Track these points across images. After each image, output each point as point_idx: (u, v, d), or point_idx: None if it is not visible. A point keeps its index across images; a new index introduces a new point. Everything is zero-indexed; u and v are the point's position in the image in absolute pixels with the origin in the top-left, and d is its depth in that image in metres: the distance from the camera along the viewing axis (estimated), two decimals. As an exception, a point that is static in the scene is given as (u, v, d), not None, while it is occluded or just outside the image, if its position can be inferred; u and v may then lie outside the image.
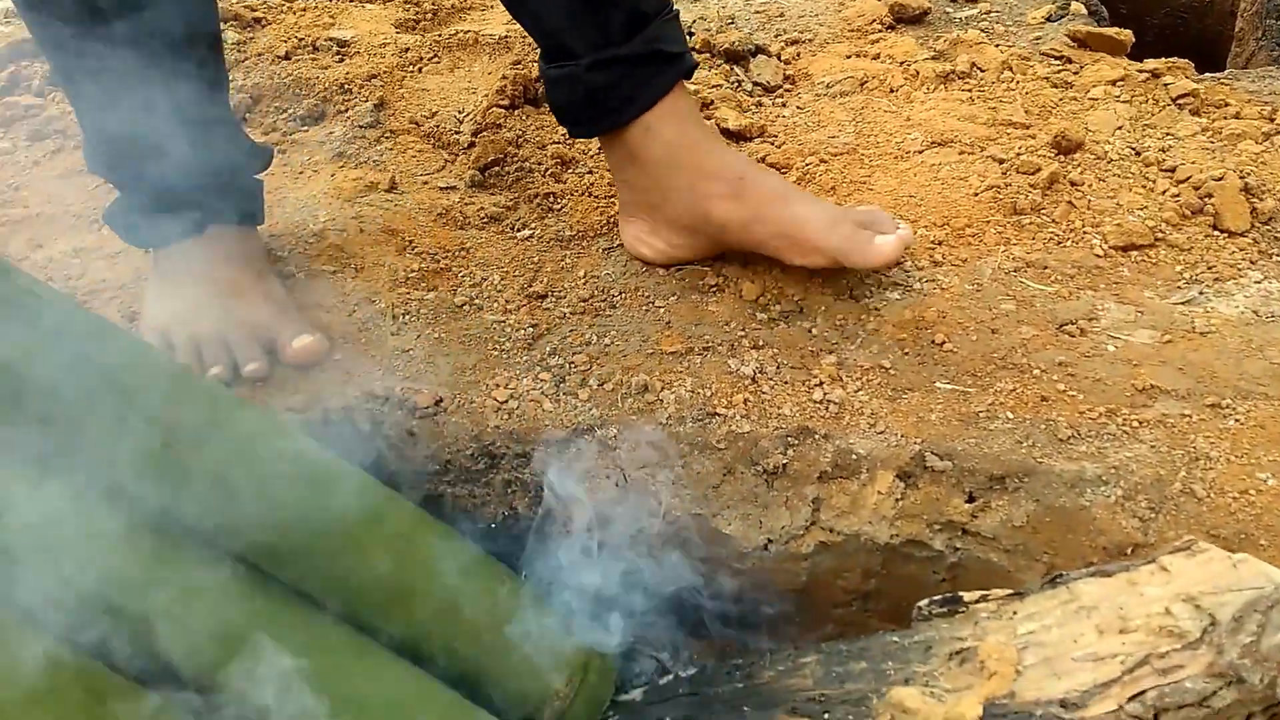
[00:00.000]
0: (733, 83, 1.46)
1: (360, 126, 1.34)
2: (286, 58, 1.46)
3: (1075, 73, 1.42)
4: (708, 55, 1.50)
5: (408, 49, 1.50)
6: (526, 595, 0.95)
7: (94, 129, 1.05)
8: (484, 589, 0.93)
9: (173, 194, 1.05)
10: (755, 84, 1.46)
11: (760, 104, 1.41)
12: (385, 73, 1.44)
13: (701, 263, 1.14)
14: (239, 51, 1.48)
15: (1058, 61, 1.46)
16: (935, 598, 0.89)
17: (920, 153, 1.27)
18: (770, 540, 0.98)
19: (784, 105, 1.40)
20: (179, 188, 1.05)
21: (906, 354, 1.02)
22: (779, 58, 1.51)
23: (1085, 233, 1.15)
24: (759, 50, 1.51)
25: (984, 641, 0.80)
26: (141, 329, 1.05)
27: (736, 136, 1.33)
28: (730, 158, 1.10)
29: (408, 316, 1.09)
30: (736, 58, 1.49)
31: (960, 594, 0.87)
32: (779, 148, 1.30)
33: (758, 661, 0.96)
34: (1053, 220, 1.17)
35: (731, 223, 1.09)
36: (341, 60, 1.46)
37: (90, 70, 0.99)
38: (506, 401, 1.00)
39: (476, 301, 1.11)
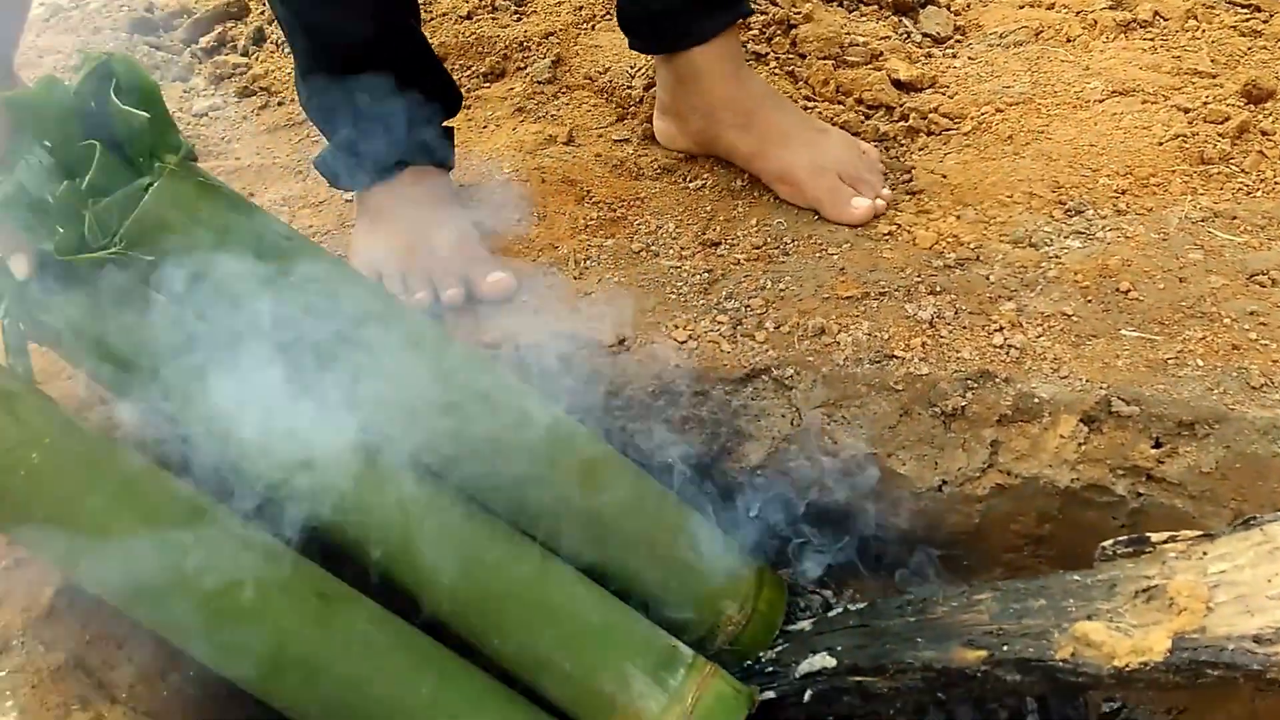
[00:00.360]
0: (901, 34, 1.45)
1: (538, 83, 1.39)
2: (468, 17, 1.51)
3: (1265, 21, 1.38)
4: (875, 7, 1.50)
5: (581, 7, 1.53)
6: (702, 526, 0.99)
7: (309, 82, 1.13)
8: (664, 520, 0.97)
9: (374, 138, 1.11)
10: (925, 35, 1.45)
11: (930, 55, 1.40)
12: (561, 30, 1.48)
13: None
14: (424, 11, 1.54)
15: (1245, 10, 1.41)
16: (1120, 539, 0.89)
17: (1101, 102, 1.25)
18: (945, 481, 1.00)
19: (954, 56, 1.40)
20: (381, 132, 1.11)
21: (1089, 301, 1.01)
22: (949, 8, 1.49)
23: (1277, 183, 1.12)
24: (928, 1, 1.50)
25: (1172, 580, 0.80)
26: (352, 265, 1.12)
27: (906, 87, 1.33)
28: (753, 91, 1.21)
29: (588, 262, 1.13)
30: (905, 9, 1.49)
31: (1147, 535, 0.86)
32: (951, 98, 1.30)
33: (930, 598, 0.97)
34: (1242, 170, 1.14)
35: (737, 152, 1.22)
36: (519, 19, 1.51)
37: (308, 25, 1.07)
38: (686, 342, 1.03)
39: (653, 248, 1.14)
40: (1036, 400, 0.95)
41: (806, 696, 0.97)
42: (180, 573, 0.80)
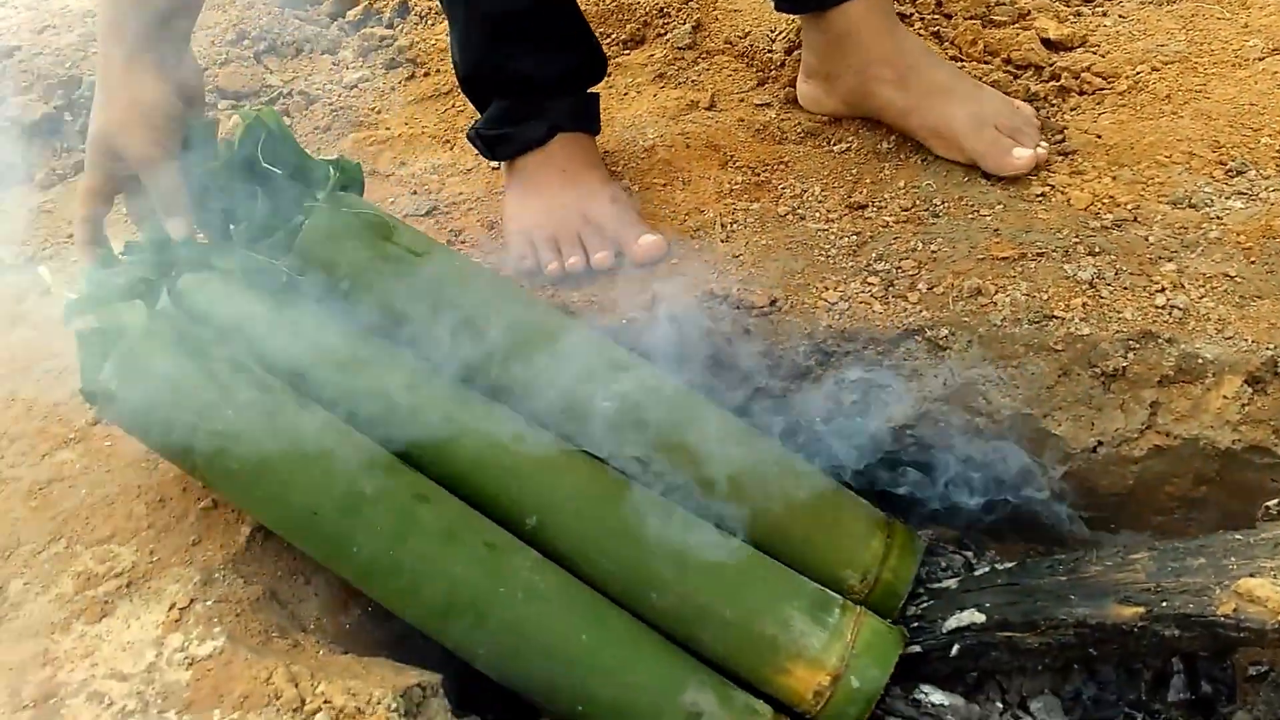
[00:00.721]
0: (1048, -7, 1.43)
1: (679, 48, 1.41)
2: (609, -15, 1.54)
3: None
4: (1022, -33, 1.48)
5: (719, -28, 1.55)
6: (825, 493, 1.01)
7: (462, 52, 1.16)
8: (798, 478, 1.00)
9: (524, 108, 1.15)
10: (1071, -6, 1.43)
11: (1079, 14, 1.38)
12: (700, -5, 1.49)
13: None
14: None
15: None
16: None
17: (1260, 60, 1.21)
18: (1100, 442, 0.99)
19: (1105, 15, 1.37)
20: (530, 102, 1.15)
21: (1253, 262, 0.99)
22: (1096, -33, 1.46)
23: None
24: (1074, -40, 1.47)
25: None
26: (506, 231, 1.16)
27: (1056, 46, 1.31)
28: (907, 47, 1.21)
29: (735, 225, 1.15)
30: (1050, -31, 1.46)
31: None
32: (1104, 57, 1.27)
33: (1082, 556, 0.97)
34: None
35: (891, 108, 1.21)
36: (659, -15, 1.53)
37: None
38: (837, 303, 1.04)
39: (799, 211, 1.15)
40: (1200, 361, 0.94)
41: (953, 651, 0.98)
42: (359, 520, 0.87)
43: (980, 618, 0.97)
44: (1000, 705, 1.02)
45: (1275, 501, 0.87)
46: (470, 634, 0.87)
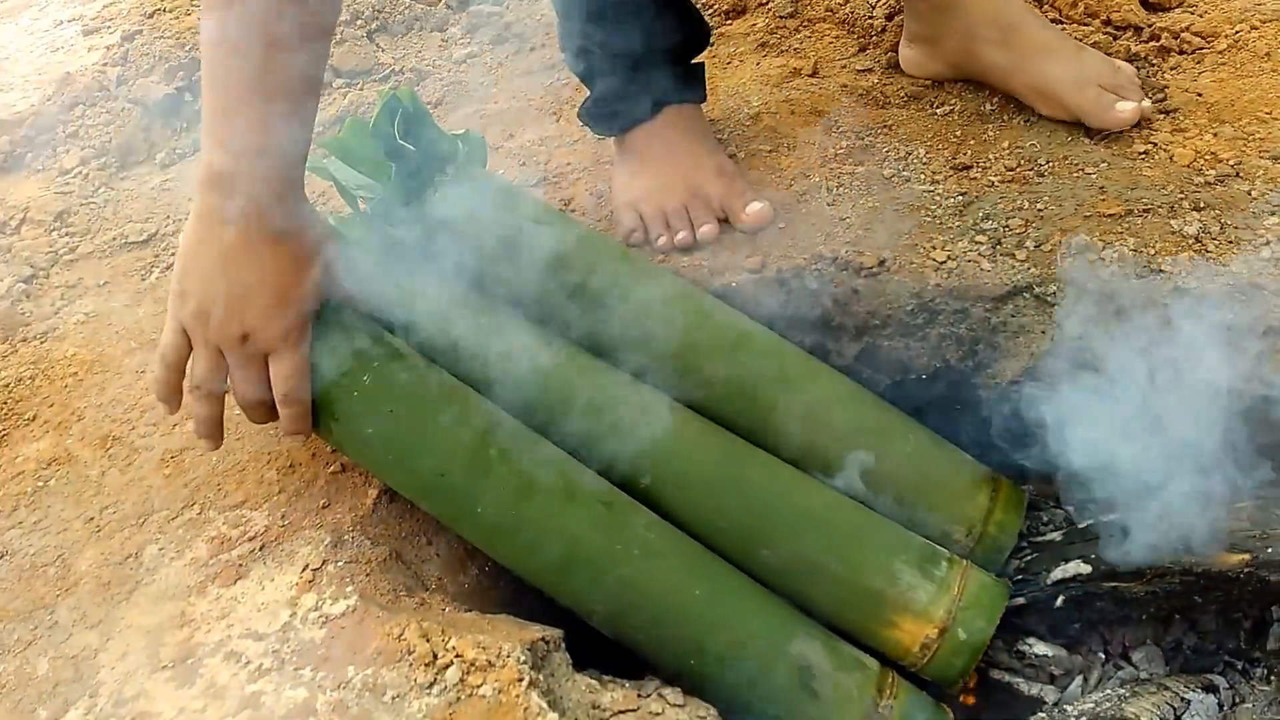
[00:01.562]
0: (1144, -46, 1.43)
1: (780, 17, 1.44)
2: (707, -44, 1.57)
3: None
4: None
5: (816, -59, 1.57)
6: (928, 448, 1.05)
7: (568, 28, 1.20)
8: (905, 434, 1.04)
9: (632, 83, 1.18)
10: (1168, -46, 1.42)
11: (1177, -27, 1.38)
12: (798, -35, 1.51)
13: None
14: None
15: None
16: None
17: (1364, 14, 1.21)
18: (1208, 395, 1.01)
19: (1203, -26, 1.37)
20: (637, 76, 1.18)
21: (1359, 214, 1.00)
22: (1193, -75, 1.46)
23: None
24: (1170, -81, 1.47)
25: None
26: (614, 205, 1.20)
27: (1154, 7, 1.32)
28: (1010, 9, 1.22)
29: (841, 189, 1.18)
30: (1147, -72, 1.46)
31: None
32: (1202, 16, 1.28)
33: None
34: None
35: (994, 68, 1.24)
36: (757, -45, 1.56)
37: None
38: (945, 262, 1.07)
39: (904, 173, 1.18)
40: (1309, 312, 0.96)
41: (1058, 602, 1.01)
42: (485, 480, 0.91)
43: (1086, 568, 1.00)
44: (1103, 656, 1.05)
45: None
46: (588, 590, 0.91)
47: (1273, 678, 0.99)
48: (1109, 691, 1.00)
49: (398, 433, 0.92)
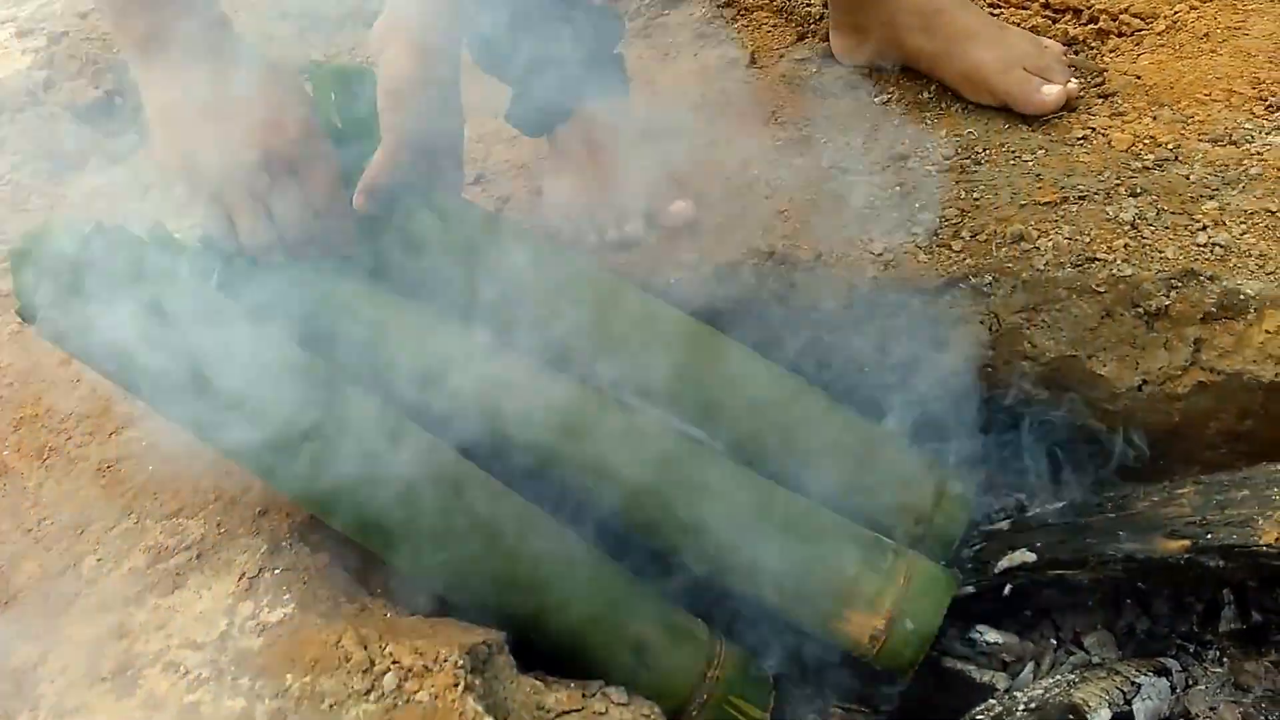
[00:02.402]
0: (1084, -65, 1.43)
1: (718, 6, 1.43)
2: (645, -55, 1.55)
3: None
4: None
5: (754, -71, 1.56)
6: (883, 431, 1.05)
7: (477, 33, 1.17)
8: (850, 427, 1.03)
9: (547, 81, 1.16)
10: (1108, -65, 1.42)
11: (1117, -45, 1.38)
12: (736, -48, 1.50)
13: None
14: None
15: None
16: None
17: (1300, -7, 1.21)
18: (1145, 381, 1.01)
19: (1142, -46, 1.37)
20: (551, 74, 1.15)
21: (1294, 196, 1.00)
22: (1132, -94, 1.46)
23: None
24: (1110, -100, 1.47)
25: None
26: (543, 206, 1.20)
27: (1095, -13, 1.32)
28: None
29: (779, 181, 1.17)
30: (1087, -91, 1.46)
31: None
32: (1142, -3, 1.28)
33: (1130, 494, 1.00)
34: None
35: (920, 56, 1.24)
36: (695, -56, 1.54)
37: None
38: (882, 254, 1.07)
39: (842, 164, 1.18)
40: (1242, 297, 0.96)
41: (1006, 590, 1.01)
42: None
43: (1031, 557, 1.00)
44: (1054, 641, 1.06)
45: None
46: (429, 567, 0.92)
47: (1225, 660, 1.00)
48: (1059, 677, 1.00)
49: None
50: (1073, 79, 1.17)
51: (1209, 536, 0.90)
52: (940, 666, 1.03)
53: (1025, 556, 1.00)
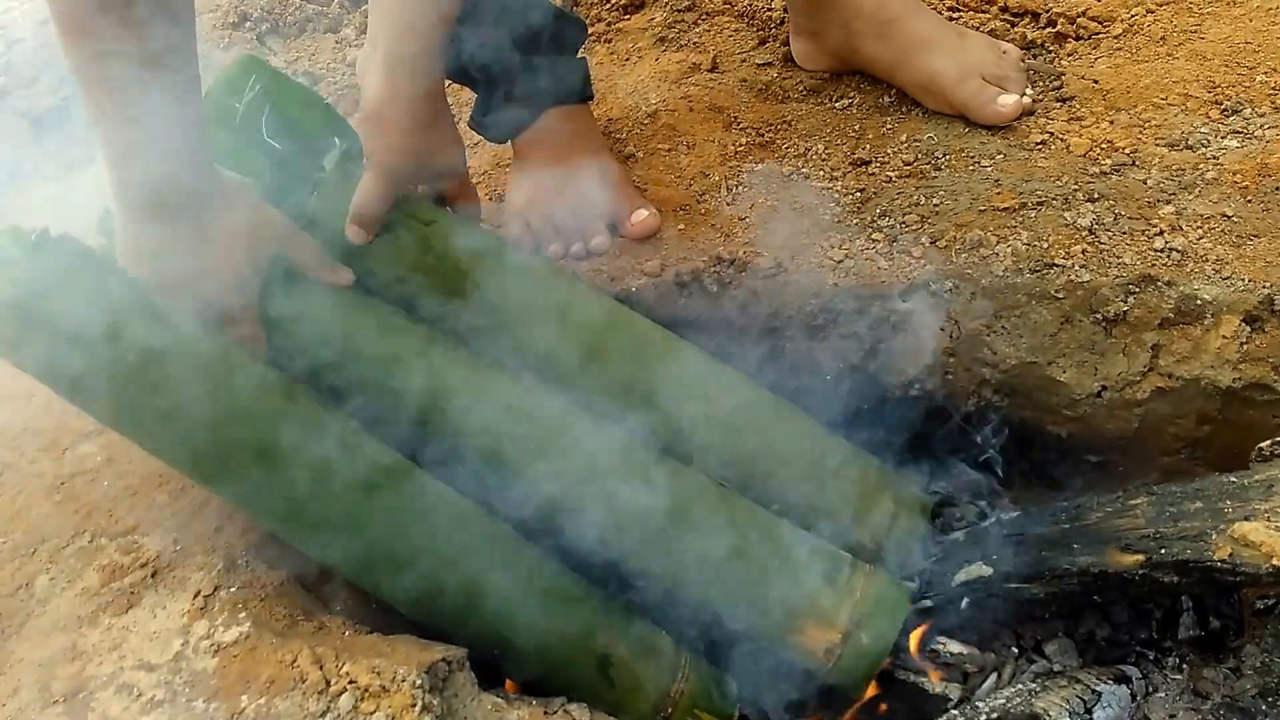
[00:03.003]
0: (1043, -62, 1.43)
1: (679, 11, 1.42)
2: (605, -51, 1.54)
3: None
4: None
5: (715, -67, 1.55)
6: (842, 444, 1.04)
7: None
8: (809, 440, 1.03)
9: (508, 86, 1.15)
10: (1067, -62, 1.42)
11: (1075, -42, 1.38)
12: (697, -43, 1.50)
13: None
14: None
15: None
16: (1277, 439, 0.90)
17: (1255, -4, 1.22)
18: (1105, 387, 1.01)
19: (1101, -43, 1.37)
20: (512, 79, 1.15)
21: (1249, 201, 1.01)
22: (1091, -91, 1.46)
23: None
24: (1069, -97, 1.47)
25: None
26: (505, 214, 1.18)
27: (1054, -9, 1.32)
28: (890, 1, 1.20)
29: (740, 187, 1.17)
30: (1046, -88, 1.46)
31: None
32: (1099, 0, 1.28)
33: (1084, 504, 1.00)
34: None
35: (878, 63, 1.23)
36: (656, -52, 1.54)
37: None
38: (843, 261, 1.06)
39: (803, 170, 1.17)
40: (1199, 302, 0.96)
41: (963, 604, 1.01)
42: (278, 472, 0.86)
43: (987, 571, 1.00)
44: (1015, 650, 1.06)
45: (1269, 442, 0.89)
46: (390, 585, 0.90)
47: (1185, 667, 1.00)
48: (1020, 686, 1.00)
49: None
50: (1029, 89, 1.17)
51: (1162, 552, 0.90)
52: (894, 678, 1.04)
53: (981, 570, 1.00)
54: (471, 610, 0.91)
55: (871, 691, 1.00)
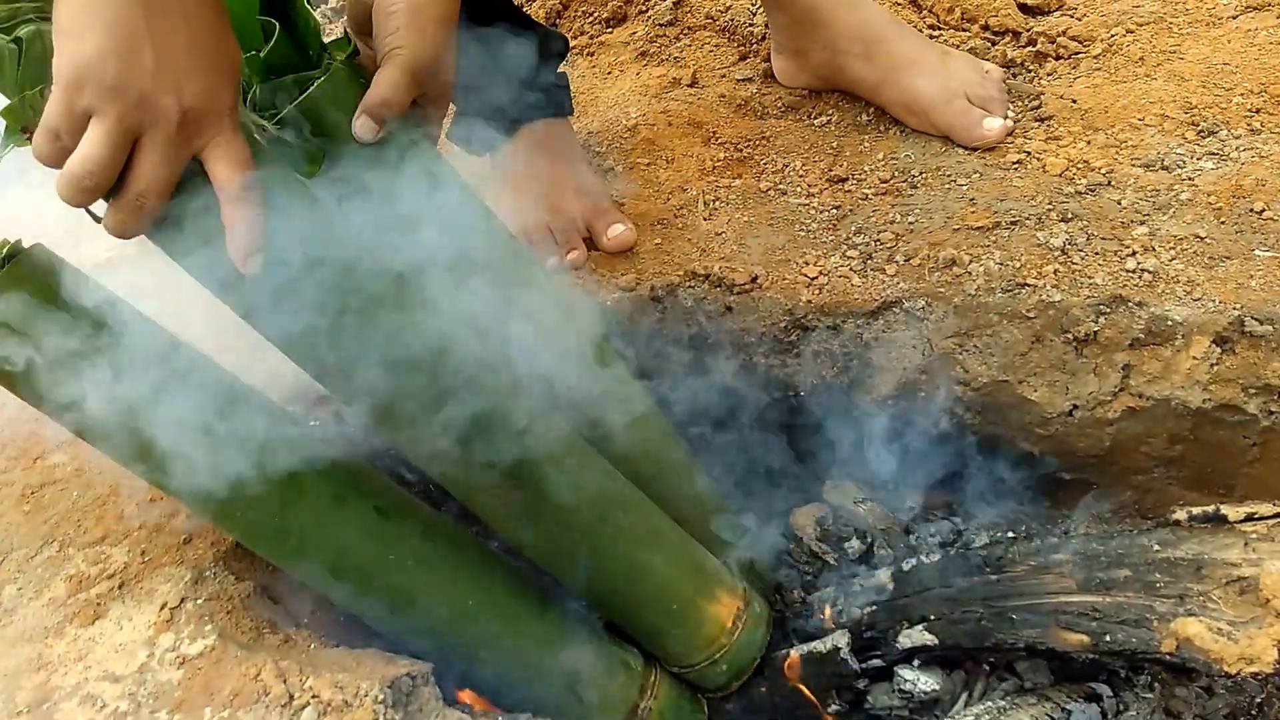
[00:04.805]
0: (1026, -43, 1.43)
1: (660, 25, 1.42)
2: (588, -37, 1.55)
3: None
4: (999, -70, 1.48)
5: (699, -52, 1.55)
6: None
7: None
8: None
9: (489, 101, 1.15)
10: (1050, -43, 1.43)
11: (1057, -23, 1.38)
12: (680, -29, 1.50)
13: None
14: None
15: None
16: (1194, 511, 0.93)
17: (1234, 18, 1.22)
18: (1076, 406, 1.01)
19: (1082, -23, 1.37)
20: (491, 95, 1.14)
21: (1223, 223, 1.01)
22: (1074, -72, 1.47)
23: None
24: (1053, -78, 1.48)
25: (1261, 569, 0.82)
26: None
27: (1033, 11, 1.32)
28: (872, 20, 1.21)
29: (717, 202, 1.17)
30: (1029, -69, 1.46)
31: (1222, 510, 0.90)
32: (1080, 20, 1.28)
33: (1005, 554, 1.01)
34: (1385, 82, 1.11)
35: (861, 83, 1.23)
36: (638, -37, 1.54)
37: None
38: (817, 278, 1.06)
39: (780, 186, 1.17)
40: (1170, 323, 0.96)
41: (915, 662, 1.02)
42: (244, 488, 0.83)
43: (931, 639, 1.00)
44: (986, 668, 1.05)
45: (1184, 513, 0.91)
46: (358, 598, 0.89)
47: (1156, 685, 1.00)
48: (989, 704, 1.00)
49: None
50: (1010, 109, 1.17)
51: (1106, 638, 0.91)
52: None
53: (925, 637, 1.00)
54: (436, 627, 0.91)
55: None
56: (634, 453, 1.00)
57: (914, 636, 1.00)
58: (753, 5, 1.40)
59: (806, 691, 1.02)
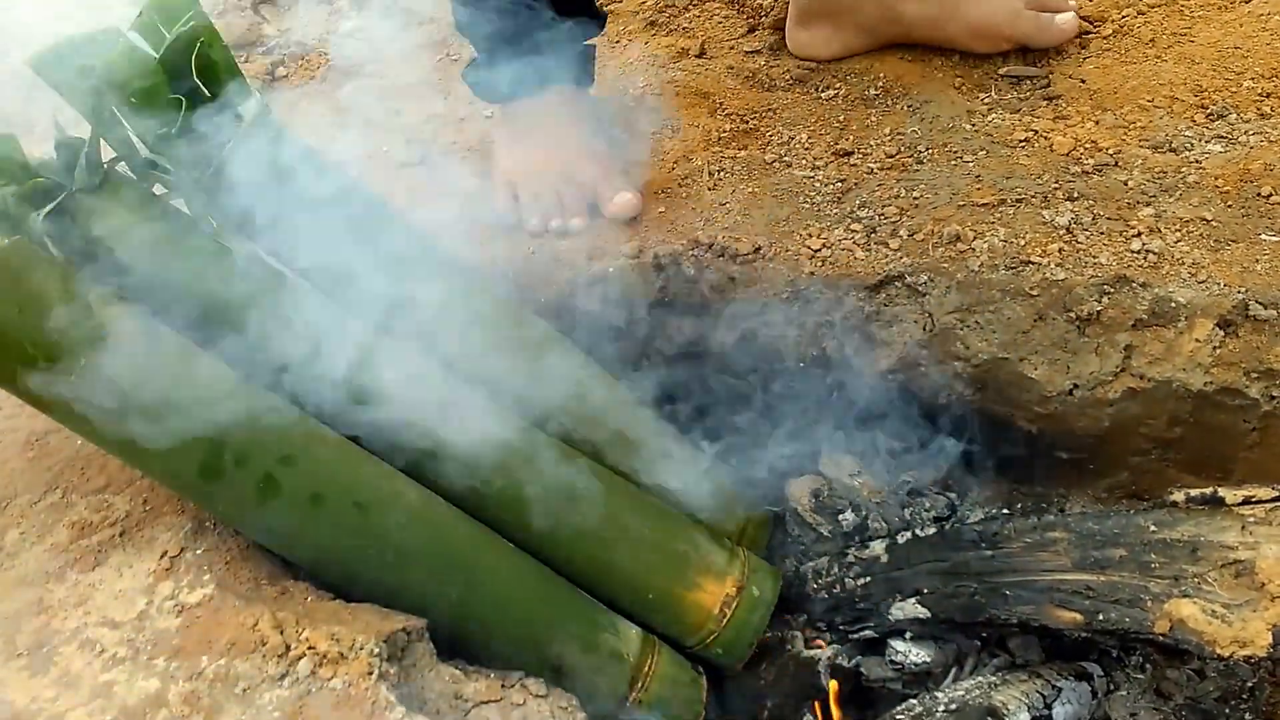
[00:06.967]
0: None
1: (670, -6, 1.42)
2: (600, -69, 1.54)
3: None
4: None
5: (711, -82, 1.54)
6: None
7: None
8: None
9: (521, 54, 1.15)
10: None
11: (1070, -42, 1.38)
12: (691, -58, 1.49)
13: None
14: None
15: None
16: (1192, 493, 0.92)
17: (1246, 2, 1.22)
18: (1076, 385, 1.01)
19: (1095, -42, 1.37)
20: (527, 48, 1.15)
21: (1229, 206, 1.01)
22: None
23: None
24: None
25: (1258, 553, 0.82)
26: (492, 178, 1.18)
27: (1045, -8, 1.31)
28: None
29: (722, 173, 1.16)
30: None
31: (1220, 493, 0.89)
32: (1091, 0, 1.28)
33: (1001, 530, 1.01)
34: (1395, 70, 1.11)
35: (923, 22, 1.24)
36: (650, -68, 1.53)
37: None
38: (820, 250, 1.06)
39: (785, 159, 1.17)
40: (1173, 304, 0.96)
41: (907, 634, 1.03)
42: (219, 486, 0.86)
43: (923, 612, 1.01)
44: (979, 642, 1.05)
45: (1181, 494, 0.91)
46: (344, 587, 0.90)
47: (1148, 666, 1.01)
48: (981, 678, 1.00)
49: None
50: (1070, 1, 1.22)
51: (1100, 617, 0.91)
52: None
53: (917, 610, 1.01)
54: (424, 611, 0.90)
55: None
56: (598, 442, 1.02)
57: (906, 609, 1.00)
58: (763, -23, 1.39)
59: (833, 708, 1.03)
